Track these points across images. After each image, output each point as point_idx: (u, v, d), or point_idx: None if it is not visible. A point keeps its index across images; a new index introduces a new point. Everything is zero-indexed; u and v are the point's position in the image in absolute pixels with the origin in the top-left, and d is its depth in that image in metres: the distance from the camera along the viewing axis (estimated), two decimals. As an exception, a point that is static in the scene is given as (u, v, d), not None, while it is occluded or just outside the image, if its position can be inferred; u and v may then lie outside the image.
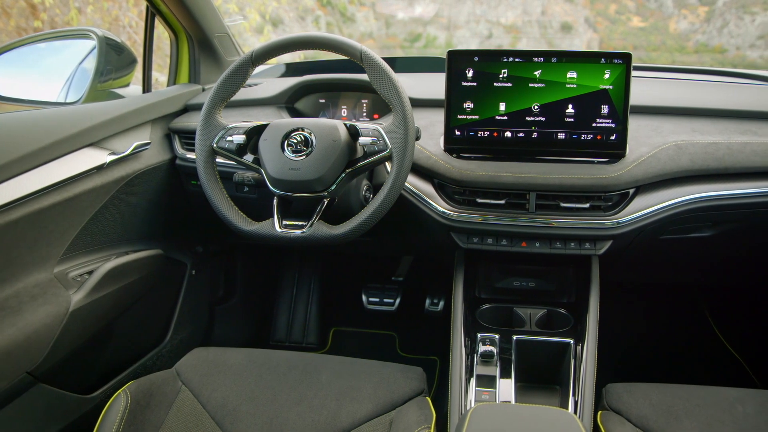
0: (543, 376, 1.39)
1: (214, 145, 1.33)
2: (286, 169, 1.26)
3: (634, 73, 1.61)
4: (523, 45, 4.94)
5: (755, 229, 1.50)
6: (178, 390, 1.29)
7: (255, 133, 1.34)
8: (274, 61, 2.26)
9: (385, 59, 1.31)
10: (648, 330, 2.31)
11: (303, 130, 1.30)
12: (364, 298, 2.12)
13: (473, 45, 4.95)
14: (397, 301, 2.11)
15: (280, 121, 1.33)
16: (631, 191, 1.40)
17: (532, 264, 1.59)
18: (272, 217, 1.29)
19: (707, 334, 2.26)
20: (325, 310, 2.38)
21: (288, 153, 1.28)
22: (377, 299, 2.11)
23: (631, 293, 2.33)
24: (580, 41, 5.13)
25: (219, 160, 1.37)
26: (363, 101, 1.68)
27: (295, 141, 1.28)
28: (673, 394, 1.28)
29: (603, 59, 1.38)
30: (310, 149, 1.27)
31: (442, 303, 2.07)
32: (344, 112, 1.70)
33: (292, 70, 2.02)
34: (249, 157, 1.35)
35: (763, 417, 1.22)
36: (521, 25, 5.52)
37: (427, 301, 1.75)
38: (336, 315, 2.40)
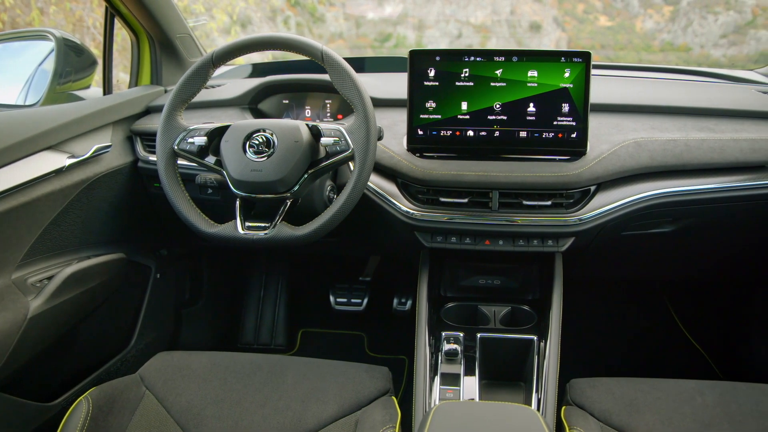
0: (508, 373, 1.40)
1: (175, 147, 1.32)
2: (248, 170, 1.26)
3: (594, 71, 1.62)
4: (492, 44, 4.97)
5: (713, 224, 1.53)
6: (141, 395, 1.27)
7: (216, 135, 1.33)
8: (241, 61, 2.25)
9: (348, 59, 1.31)
10: (613, 325, 2.34)
11: (265, 131, 1.29)
12: (331, 298, 2.12)
13: (443, 44, 4.97)
14: (365, 301, 2.12)
15: (241, 122, 1.32)
16: (593, 188, 1.42)
17: (497, 262, 1.60)
18: (235, 218, 1.29)
19: (671, 328, 2.30)
20: (292, 311, 2.37)
21: (250, 154, 1.27)
22: (345, 300, 2.11)
23: (596, 289, 2.36)
24: (549, 40, 5.18)
25: (181, 162, 1.35)
26: (327, 102, 1.68)
27: (257, 142, 1.27)
28: (635, 387, 1.30)
29: (563, 58, 1.39)
30: (271, 150, 1.26)
31: (409, 302, 2.07)
32: (308, 112, 1.69)
33: (259, 70, 2.01)
34: (211, 159, 1.34)
35: (721, 407, 1.24)
36: (490, 25, 5.54)
37: (395, 301, 1.75)
38: (304, 316, 2.39)
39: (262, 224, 1.27)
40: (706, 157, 1.45)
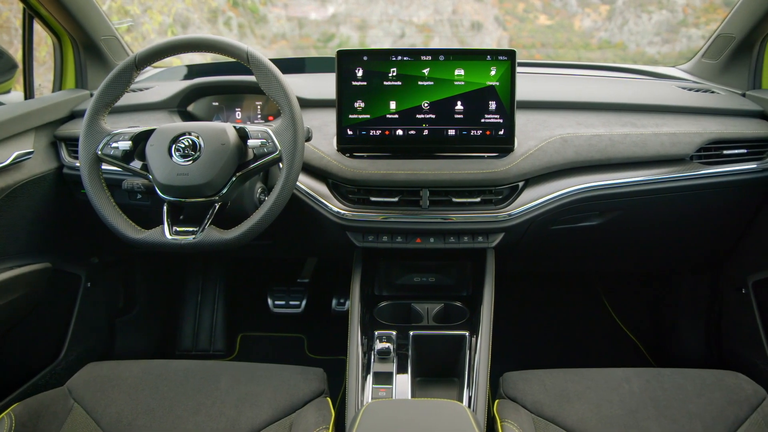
0: (442, 369, 1.41)
1: (99, 152, 1.28)
2: (174, 174, 1.23)
3: (523, 69, 1.66)
4: (435, 43, 5.01)
5: (638, 216, 1.57)
6: (69, 408, 1.23)
7: (142, 139, 1.30)
8: (178, 62, 2.20)
9: (278, 60, 1.30)
10: (549, 318, 2.39)
11: (190, 134, 1.27)
12: (269, 301, 2.10)
13: (387, 44, 4.98)
14: (303, 303, 2.11)
15: (166, 125, 1.30)
16: (521, 184, 1.44)
17: (432, 259, 1.61)
18: (162, 224, 1.26)
19: (605, 319, 2.36)
20: (231, 316, 2.34)
21: (176, 158, 1.25)
22: (283, 302, 2.10)
23: (531, 283, 2.41)
24: (491, 39, 5.25)
25: (108, 167, 1.32)
26: (258, 104, 1.66)
27: (183, 146, 1.25)
28: (566, 378, 1.33)
29: (489, 56, 1.41)
30: (198, 153, 1.25)
31: (348, 302, 2.06)
32: (239, 114, 1.67)
33: (195, 72, 1.97)
34: (137, 164, 1.31)
35: (647, 393, 1.29)
36: (433, 24, 5.58)
37: (334, 302, 1.75)
38: (243, 320, 2.37)
39: (191, 229, 1.26)
40: (629, 152, 1.49)
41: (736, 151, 1.56)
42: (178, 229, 1.26)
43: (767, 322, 1.68)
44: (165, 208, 1.28)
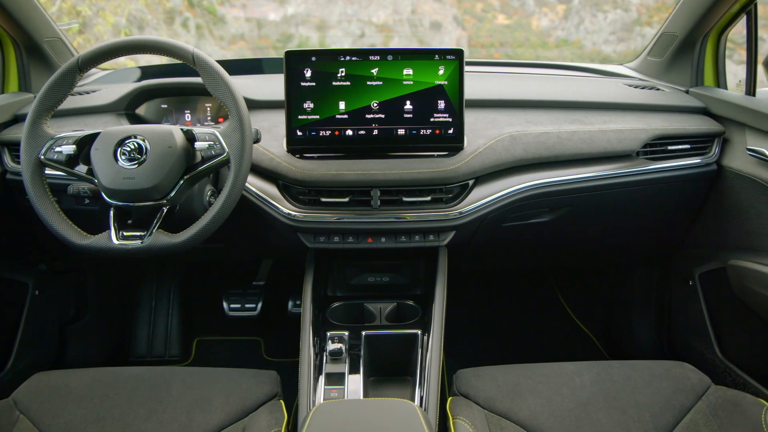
0: (395, 368, 1.41)
1: (42, 157, 1.26)
2: (120, 178, 1.21)
3: (473, 68, 1.67)
4: (395, 43, 5.02)
5: (587, 211, 1.60)
6: (15, 420, 1.20)
7: (86, 143, 1.27)
8: (132, 63, 2.16)
9: (228, 61, 1.28)
10: (505, 314, 2.43)
11: (136, 137, 1.25)
12: (225, 305, 2.08)
13: (346, 44, 4.97)
14: (259, 305, 2.09)
15: (111, 129, 1.28)
16: (470, 182, 1.46)
17: (385, 259, 1.61)
18: (108, 228, 1.24)
19: (560, 314, 2.40)
20: (186, 320, 2.31)
21: (122, 162, 1.23)
22: (239, 305, 2.07)
23: (487, 280, 2.43)
24: (450, 38, 5.29)
25: (51, 172, 1.29)
26: (207, 105, 1.64)
27: (129, 149, 1.23)
28: (518, 373, 1.34)
29: (437, 56, 1.42)
30: (144, 157, 1.23)
31: None
32: (188, 117, 1.65)
33: (146, 74, 1.94)
34: (82, 168, 1.28)
35: (598, 386, 1.31)
36: (392, 24, 5.59)
37: (290, 303, 1.73)
38: (198, 325, 2.34)
39: (138, 233, 1.24)
40: (577, 148, 1.51)
41: (680, 147, 1.60)
42: (125, 233, 1.24)
43: (713, 312, 1.73)
44: (112, 212, 1.26)
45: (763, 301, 1.45)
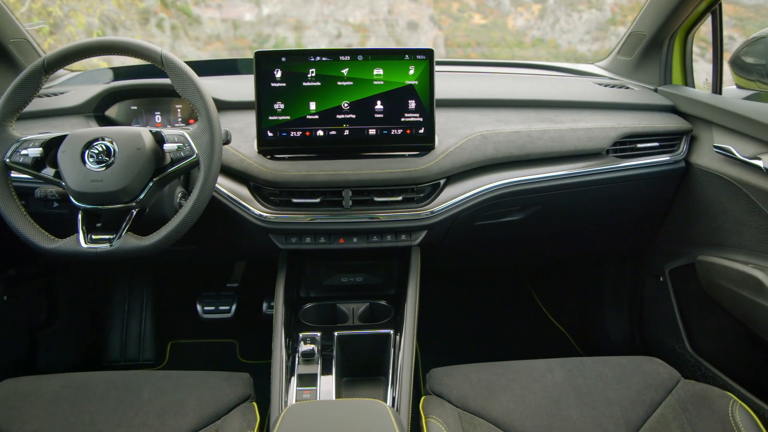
0: (368, 368, 1.41)
1: (7, 160, 1.24)
2: (88, 181, 1.20)
3: (444, 68, 1.67)
4: (372, 43, 5.03)
5: (558, 209, 1.61)
6: None
7: (53, 146, 1.26)
8: (105, 64, 2.13)
9: (199, 62, 1.28)
10: (480, 313, 2.44)
11: (104, 139, 1.24)
12: (199, 307, 2.07)
13: (323, 44, 4.97)
14: (233, 307, 2.08)
15: (79, 131, 1.26)
16: (442, 182, 1.46)
17: (359, 259, 1.61)
18: (77, 232, 1.23)
19: (534, 311, 2.41)
20: (160, 324, 2.29)
21: (90, 164, 1.21)
22: (213, 308, 2.06)
23: (461, 279, 2.44)
24: (426, 38, 5.30)
25: (18, 175, 1.28)
26: (177, 107, 1.63)
27: (96, 151, 1.22)
28: (491, 371, 1.35)
29: (407, 56, 1.42)
30: (112, 159, 1.22)
31: None
32: (158, 118, 1.63)
33: (117, 75, 1.92)
34: (49, 171, 1.27)
35: (569, 382, 1.32)
36: (369, 24, 5.60)
37: (264, 305, 1.73)
38: (172, 328, 2.32)
39: (107, 236, 1.23)
40: (547, 147, 1.53)
41: (649, 145, 1.62)
42: (93, 237, 1.23)
43: (683, 308, 1.76)
44: (80, 215, 1.24)
45: (729, 296, 1.47)
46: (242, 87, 1.61)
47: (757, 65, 1.54)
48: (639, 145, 1.61)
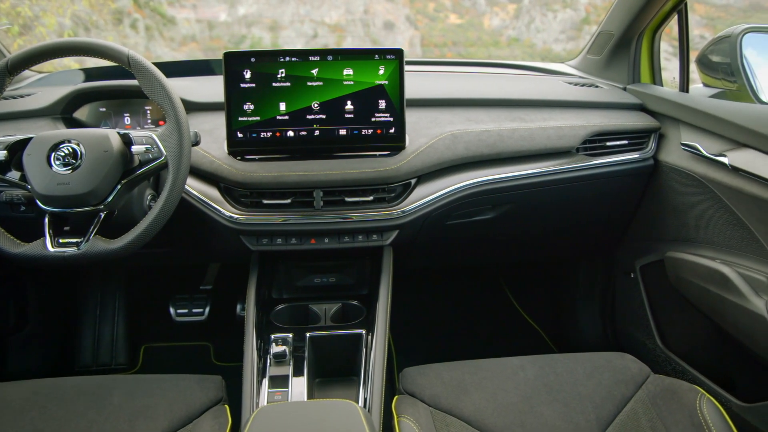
0: (341, 369, 1.41)
1: None
2: (54, 184, 1.19)
3: (415, 67, 1.67)
4: (348, 43, 5.02)
5: (530, 207, 1.63)
6: None
7: (19, 148, 1.24)
8: (76, 65, 2.09)
9: (169, 63, 1.26)
10: (454, 311, 2.45)
11: (70, 141, 1.22)
12: (171, 310, 2.05)
13: (299, 45, 4.95)
14: (207, 310, 2.06)
15: (44, 133, 1.24)
16: (413, 181, 1.47)
17: (332, 260, 1.61)
18: (44, 236, 1.21)
19: (508, 309, 2.43)
20: (133, 327, 2.27)
21: (56, 167, 1.20)
22: (186, 311, 2.04)
23: (435, 278, 2.45)
24: (403, 38, 5.31)
25: None
26: (147, 108, 1.61)
27: (63, 154, 1.21)
28: (463, 370, 1.35)
29: (376, 55, 1.42)
30: (79, 162, 1.20)
31: None
32: (127, 120, 1.61)
33: (92, 76, 1.89)
34: (15, 175, 1.25)
35: (541, 380, 1.33)
36: (345, 24, 5.59)
37: (238, 307, 1.71)
38: (145, 331, 2.30)
39: (75, 240, 1.21)
40: (518, 146, 1.54)
41: (618, 143, 1.64)
42: (61, 240, 1.21)
43: (653, 303, 1.78)
44: (47, 219, 1.22)
45: (697, 291, 1.49)
46: (213, 88, 1.60)
47: (722, 64, 1.56)
48: (608, 143, 1.63)
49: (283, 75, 1.41)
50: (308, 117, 1.43)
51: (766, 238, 1.34)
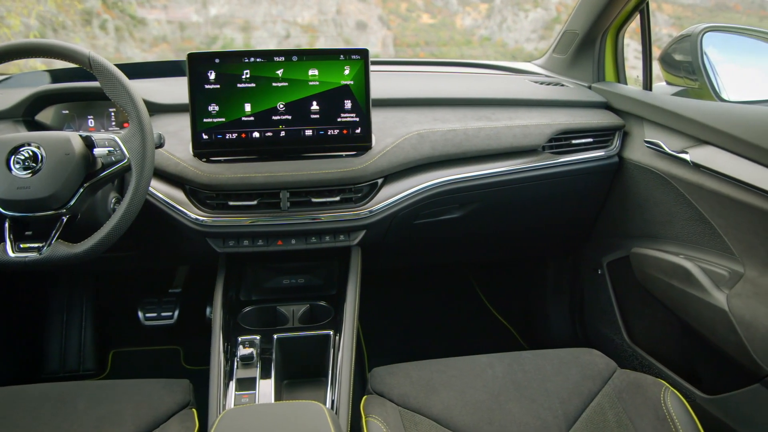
0: (309, 370, 1.41)
1: None
2: (14, 188, 1.16)
3: (382, 67, 1.67)
4: (321, 44, 5.01)
5: (496, 206, 1.64)
6: None
7: None
8: (42, 66, 2.06)
9: (132, 65, 1.25)
10: (425, 311, 2.46)
11: (30, 144, 1.20)
12: (140, 314, 2.03)
13: (272, 45, 4.93)
14: (176, 313, 2.04)
15: (3, 136, 1.22)
16: (379, 181, 1.47)
17: (300, 261, 1.60)
18: (3, 241, 1.19)
19: (479, 307, 2.44)
20: (101, 332, 2.24)
21: (16, 171, 1.18)
22: (154, 314, 2.02)
23: (405, 277, 2.45)
24: (376, 38, 5.31)
25: None
26: (110, 110, 1.59)
27: (23, 157, 1.18)
28: (432, 368, 1.36)
29: (342, 56, 1.42)
30: (39, 165, 1.18)
31: None
32: (91, 122, 1.59)
33: (57, 77, 1.86)
34: None
35: (509, 377, 1.34)
36: (318, 24, 5.57)
37: (208, 310, 1.70)
38: (114, 336, 2.27)
39: (36, 244, 1.19)
40: (484, 144, 1.55)
41: (584, 141, 1.66)
42: (22, 245, 1.19)
43: (620, 299, 1.80)
44: (7, 224, 1.20)
45: (662, 286, 1.52)
46: (178, 89, 1.58)
47: (684, 62, 1.59)
48: (574, 141, 1.65)
49: (247, 76, 1.40)
50: (274, 118, 1.42)
51: (726, 233, 1.37)
